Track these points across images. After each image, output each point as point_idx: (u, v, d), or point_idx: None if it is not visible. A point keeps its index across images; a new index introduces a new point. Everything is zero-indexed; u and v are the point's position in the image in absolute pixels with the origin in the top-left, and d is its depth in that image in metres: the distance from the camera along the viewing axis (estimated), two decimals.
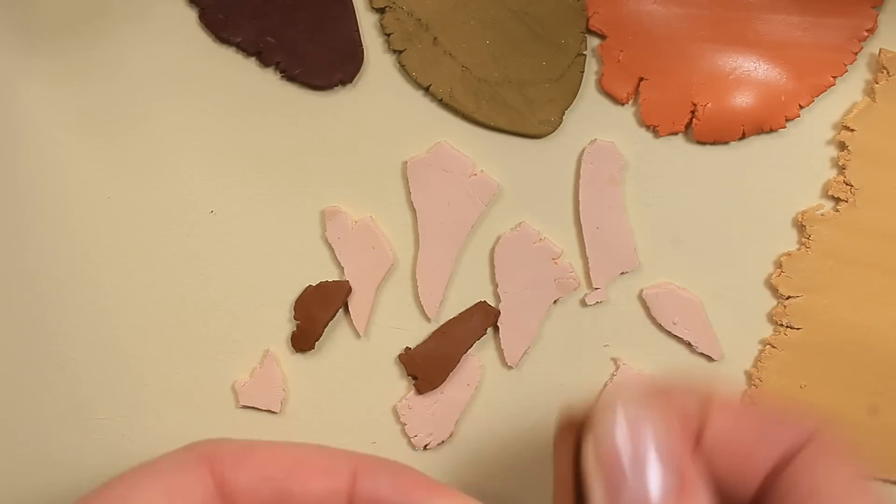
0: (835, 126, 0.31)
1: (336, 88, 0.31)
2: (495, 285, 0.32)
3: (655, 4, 0.31)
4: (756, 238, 0.32)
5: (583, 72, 0.31)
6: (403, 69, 0.31)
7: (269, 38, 0.31)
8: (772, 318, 0.32)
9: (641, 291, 0.32)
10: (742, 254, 0.32)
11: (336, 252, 0.31)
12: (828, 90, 0.31)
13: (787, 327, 0.32)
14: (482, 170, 0.31)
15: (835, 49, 0.31)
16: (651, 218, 0.32)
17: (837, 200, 0.31)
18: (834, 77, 0.31)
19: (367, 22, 0.31)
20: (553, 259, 0.32)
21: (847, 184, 0.31)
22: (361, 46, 0.31)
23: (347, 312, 0.32)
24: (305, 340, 0.31)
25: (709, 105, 0.31)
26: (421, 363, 0.32)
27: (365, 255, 0.31)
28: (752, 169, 0.32)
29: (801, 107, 0.31)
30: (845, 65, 0.31)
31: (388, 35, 0.31)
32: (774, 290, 0.32)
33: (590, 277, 0.32)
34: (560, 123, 0.31)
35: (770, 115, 0.31)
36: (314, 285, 0.32)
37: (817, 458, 0.22)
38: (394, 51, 0.31)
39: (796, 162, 0.32)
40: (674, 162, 0.32)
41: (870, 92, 0.31)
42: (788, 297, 0.32)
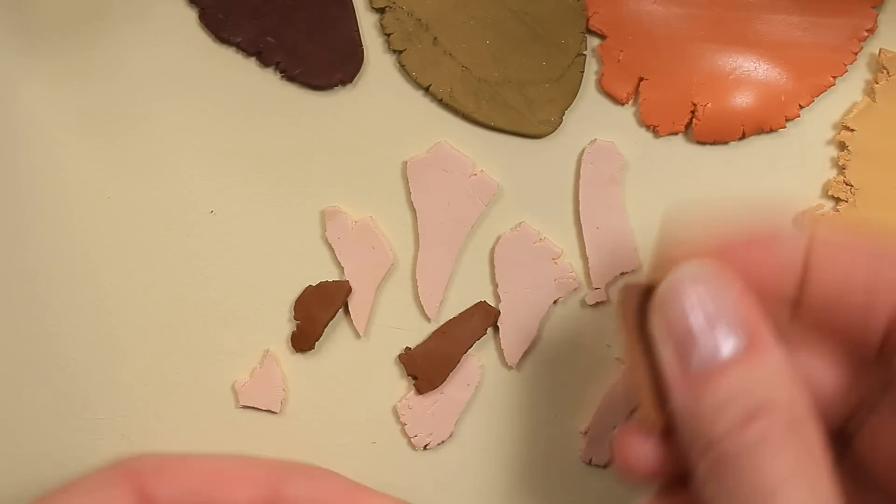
0: (835, 126, 0.31)
1: (336, 88, 0.31)
2: (495, 285, 0.32)
3: (655, 4, 0.31)
4: None
5: (583, 72, 0.31)
6: (403, 69, 0.31)
7: (269, 38, 0.31)
8: None
9: None
10: None
11: (336, 252, 0.31)
12: (828, 90, 0.31)
13: None
14: (482, 170, 0.31)
15: (835, 49, 0.31)
16: (651, 218, 0.32)
17: (837, 200, 0.31)
18: (834, 77, 0.31)
19: (367, 22, 0.31)
20: (553, 259, 0.32)
21: (847, 184, 0.31)
22: (361, 46, 0.31)
23: (347, 312, 0.32)
24: (305, 340, 0.32)
25: (709, 105, 0.31)
26: (421, 363, 0.32)
27: (365, 255, 0.31)
28: (752, 169, 0.32)
29: (801, 107, 0.31)
30: (845, 65, 0.31)
31: (388, 35, 0.31)
32: None
33: (590, 277, 0.32)
34: (560, 123, 0.31)
35: (770, 115, 0.31)
36: (314, 285, 0.32)
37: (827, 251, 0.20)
38: (394, 51, 0.31)
39: (796, 162, 0.32)
40: (674, 162, 0.32)
41: (870, 92, 0.31)
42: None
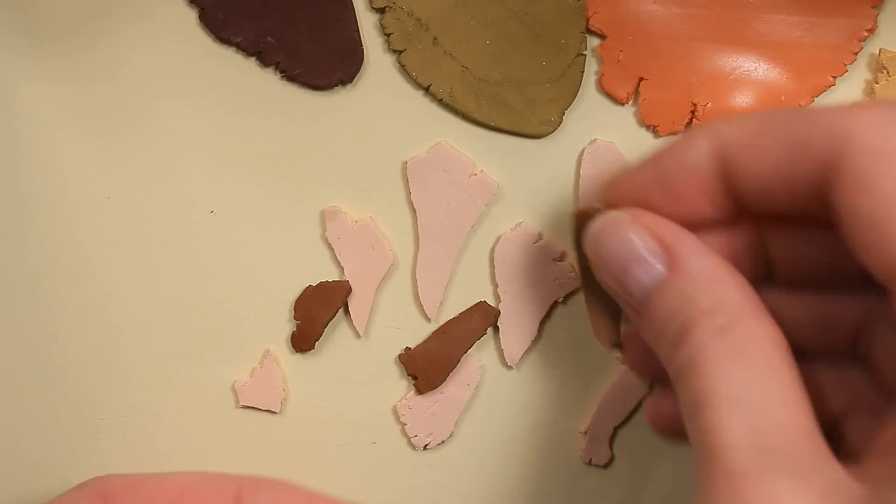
0: None
1: (336, 88, 0.31)
2: (495, 285, 0.32)
3: (655, 4, 0.31)
4: None
5: (583, 72, 0.31)
6: (403, 69, 0.31)
7: (269, 38, 0.31)
8: None
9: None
10: None
11: (336, 252, 0.31)
12: (828, 90, 0.31)
13: None
14: (482, 170, 0.31)
15: (835, 49, 0.31)
16: None
17: None
18: (834, 77, 0.31)
19: (367, 22, 0.31)
20: (553, 259, 0.32)
21: None
22: (361, 46, 0.31)
23: (347, 312, 0.32)
24: (305, 340, 0.31)
25: (709, 105, 0.31)
26: (421, 363, 0.32)
27: (365, 255, 0.31)
28: None
29: (801, 107, 0.31)
30: (845, 65, 0.31)
31: (388, 35, 0.31)
32: None
33: None
34: (560, 123, 0.31)
35: None
36: (314, 285, 0.32)
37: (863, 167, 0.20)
38: (394, 51, 0.31)
39: None
40: None
41: (870, 92, 0.31)
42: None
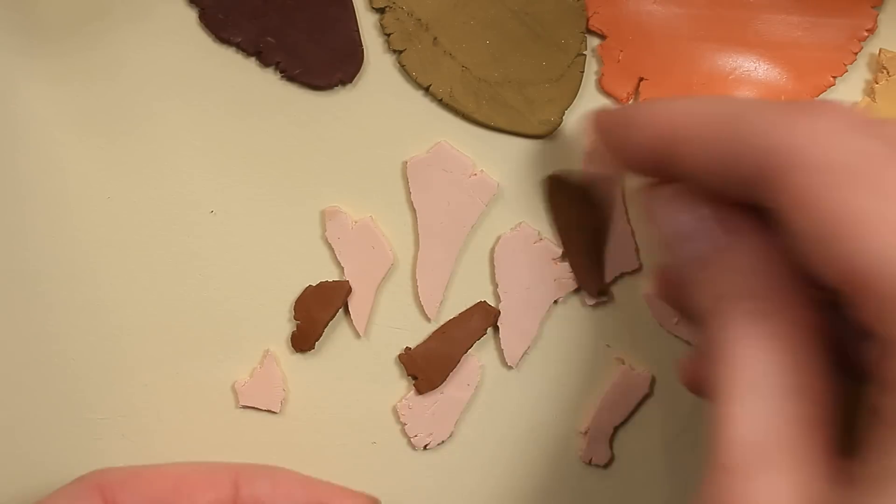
0: None
1: (336, 88, 0.31)
2: (495, 285, 0.32)
3: (655, 4, 0.31)
4: None
5: (583, 72, 0.31)
6: (403, 69, 0.31)
7: (269, 38, 0.31)
8: None
9: (642, 291, 0.32)
10: None
11: (336, 252, 0.31)
12: (828, 90, 0.31)
13: None
14: (482, 170, 0.31)
15: (835, 49, 0.31)
16: None
17: None
18: (834, 77, 0.31)
19: (367, 22, 0.31)
20: (553, 259, 0.32)
21: None
22: (361, 46, 0.31)
23: (347, 312, 0.32)
24: (305, 340, 0.31)
25: None
26: (421, 363, 0.32)
27: (365, 255, 0.31)
28: None
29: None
30: (845, 65, 0.31)
31: (388, 35, 0.31)
32: None
33: None
34: (560, 123, 0.31)
35: None
36: (314, 285, 0.32)
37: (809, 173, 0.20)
38: (394, 51, 0.31)
39: None
40: None
41: (870, 92, 0.31)
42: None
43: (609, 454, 0.32)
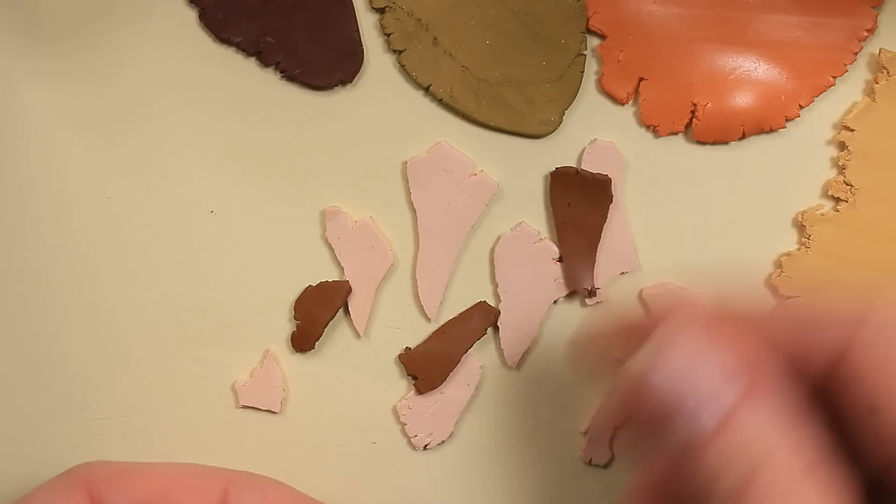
0: (835, 126, 0.31)
1: (336, 88, 0.31)
2: (495, 285, 0.32)
3: (655, 4, 0.31)
4: (756, 238, 0.32)
5: (583, 72, 0.31)
6: (403, 69, 0.31)
7: (269, 38, 0.31)
8: None
9: (641, 291, 0.32)
10: (742, 254, 0.32)
11: (336, 252, 0.31)
12: (828, 90, 0.31)
13: None
14: (482, 170, 0.31)
15: (835, 49, 0.31)
16: (651, 218, 0.32)
17: (837, 200, 0.31)
18: (834, 77, 0.31)
19: (367, 22, 0.31)
20: (553, 259, 0.32)
21: (847, 184, 0.31)
22: (361, 46, 0.31)
23: (347, 312, 0.32)
24: (305, 340, 0.31)
25: (709, 105, 0.31)
26: (421, 363, 0.32)
27: (365, 255, 0.31)
28: (752, 169, 0.32)
29: (801, 107, 0.31)
30: (845, 65, 0.31)
31: (388, 35, 0.31)
32: (775, 290, 0.32)
33: None
34: (560, 123, 0.31)
35: (770, 115, 0.31)
36: (314, 285, 0.32)
37: (873, 341, 0.21)
38: (394, 51, 0.31)
39: (796, 162, 0.32)
40: (674, 162, 0.32)
41: (870, 92, 0.31)
42: (789, 298, 0.32)
43: (609, 454, 0.32)
